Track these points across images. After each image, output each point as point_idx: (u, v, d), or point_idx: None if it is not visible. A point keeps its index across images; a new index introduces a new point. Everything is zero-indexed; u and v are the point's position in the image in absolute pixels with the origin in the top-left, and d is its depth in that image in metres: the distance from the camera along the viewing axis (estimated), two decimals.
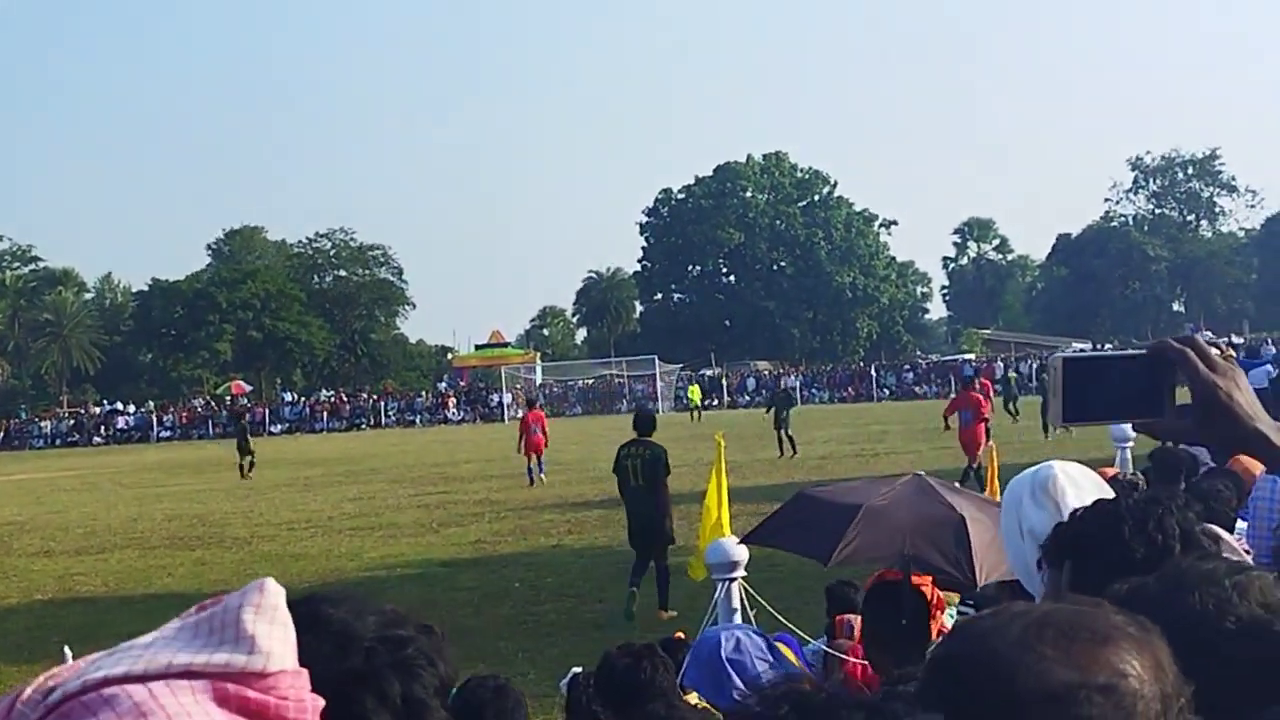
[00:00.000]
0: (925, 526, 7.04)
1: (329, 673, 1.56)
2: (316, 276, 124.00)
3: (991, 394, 40.38)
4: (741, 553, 7.66)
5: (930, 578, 6.99)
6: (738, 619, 7.37)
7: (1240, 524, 7.18)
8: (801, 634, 7.70)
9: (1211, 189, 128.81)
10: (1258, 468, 8.92)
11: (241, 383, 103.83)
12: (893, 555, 6.69)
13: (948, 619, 6.61)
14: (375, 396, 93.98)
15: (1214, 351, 2.09)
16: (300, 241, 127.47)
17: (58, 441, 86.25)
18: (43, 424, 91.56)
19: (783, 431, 37.85)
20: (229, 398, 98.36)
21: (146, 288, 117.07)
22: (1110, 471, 8.52)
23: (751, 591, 7.74)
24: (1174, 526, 2.59)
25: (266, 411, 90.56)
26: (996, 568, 6.68)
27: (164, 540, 25.86)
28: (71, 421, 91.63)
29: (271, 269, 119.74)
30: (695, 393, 73.22)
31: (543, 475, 33.51)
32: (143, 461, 56.81)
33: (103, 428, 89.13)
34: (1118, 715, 1.39)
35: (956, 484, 9.72)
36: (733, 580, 7.56)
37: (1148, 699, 1.42)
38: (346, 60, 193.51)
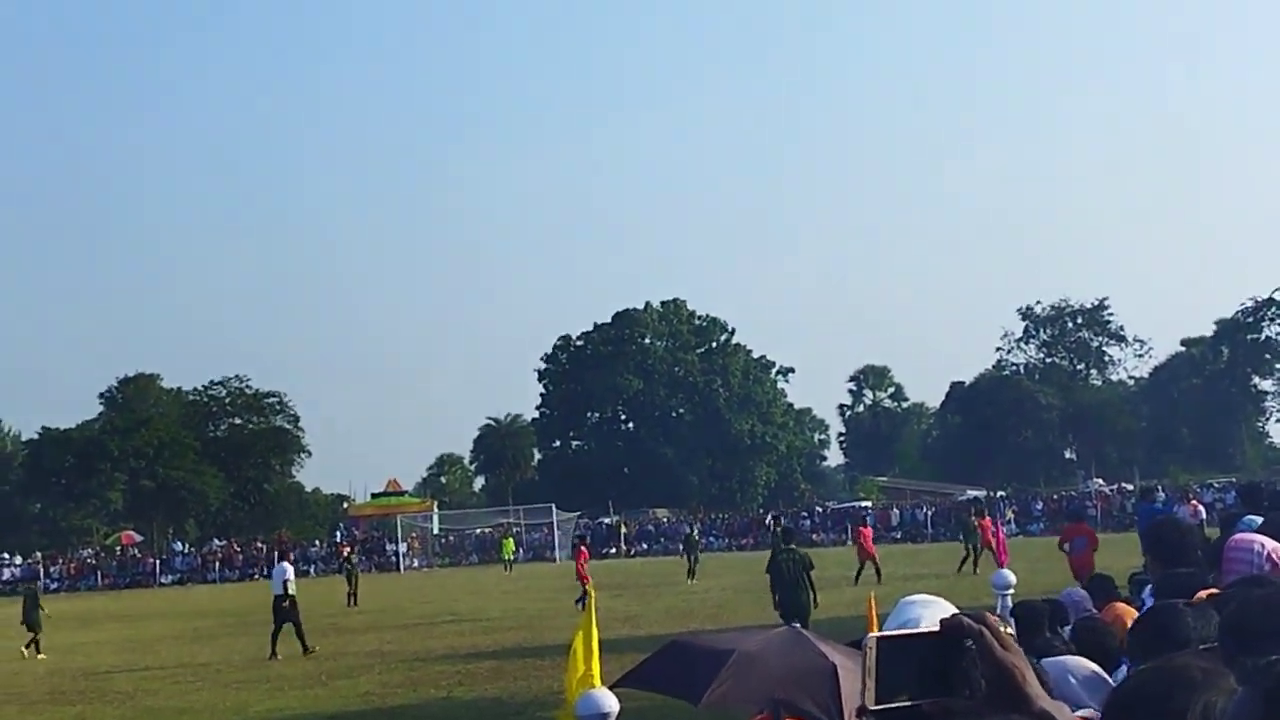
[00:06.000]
0: (797, 673, 7.03)
1: None
2: (212, 424, 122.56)
3: (869, 540, 42.28)
4: (612, 704, 7.55)
5: None
6: None
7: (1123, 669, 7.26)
8: None
9: (1101, 338, 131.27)
10: (1130, 615, 9.04)
11: (132, 533, 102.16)
12: (764, 700, 6.68)
13: None
14: (268, 546, 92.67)
15: (1005, 631, 2.14)
16: (195, 389, 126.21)
17: None
18: None
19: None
20: (118, 547, 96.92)
21: (37, 436, 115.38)
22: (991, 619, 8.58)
23: None
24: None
25: (157, 562, 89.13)
26: None
27: (45, 694, 25.22)
28: None
29: (165, 417, 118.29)
30: (508, 546, 73.68)
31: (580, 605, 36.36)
32: None
33: None
34: None
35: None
36: None
37: None
38: (240, 207, 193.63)
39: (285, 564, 31.99)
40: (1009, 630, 2.18)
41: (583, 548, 42.04)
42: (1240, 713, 2.05)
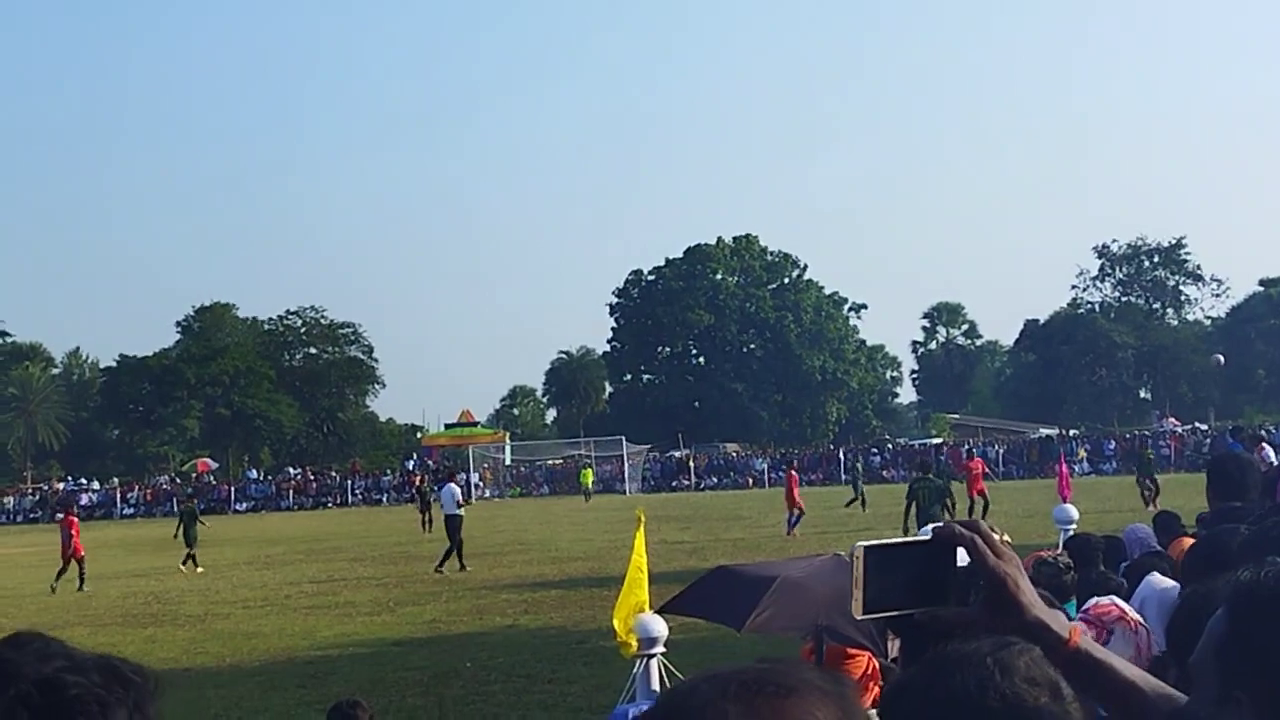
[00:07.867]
0: (840, 600, 6.98)
1: None
2: (287, 354, 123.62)
3: (984, 472, 41.73)
4: (661, 629, 7.59)
5: (864, 651, 6.99)
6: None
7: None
8: None
9: (1177, 277, 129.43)
10: None
11: (208, 460, 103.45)
12: (807, 626, 6.67)
13: None
14: (342, 475, 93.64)
15: (997, 538, 2.12)
16: (271, 319, 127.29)
17: (20, 518, 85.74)
18: (5, 500, 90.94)
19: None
20: (194, 474, 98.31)
21: (115, 364, 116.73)
22: (1044, 553, 8.54)
23: (671, 668, 7.68)
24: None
25: (232, 489, 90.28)
26: None
27: (116, 617, 25.62)
28: (35, 498, 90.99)
29: (241, 346, 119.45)
30: (587, 475, 75.67)
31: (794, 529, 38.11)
32: (104, 538, 56.18)
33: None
34: None
35: None
36: (652, 656, 7.49)
37: None
38: (320, 140, 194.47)
39: (453, 485, 34.47)
40: (1005, 539, 2.15)
41: (793, 471, 41.50)
42: (1213, 628, 2.03)
